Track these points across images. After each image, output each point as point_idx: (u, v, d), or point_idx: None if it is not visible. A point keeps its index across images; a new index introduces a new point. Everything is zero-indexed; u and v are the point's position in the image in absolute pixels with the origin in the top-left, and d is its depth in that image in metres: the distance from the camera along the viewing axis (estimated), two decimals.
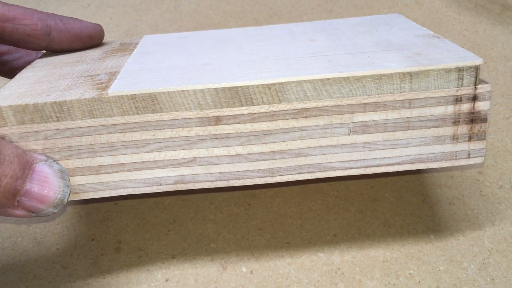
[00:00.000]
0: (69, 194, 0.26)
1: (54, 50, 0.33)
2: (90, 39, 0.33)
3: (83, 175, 0.27)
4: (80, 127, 0.26)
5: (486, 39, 0.43)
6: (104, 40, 0.35)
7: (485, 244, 0.31)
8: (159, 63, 0.29)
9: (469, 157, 0.29)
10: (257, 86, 0.26)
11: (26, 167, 0.25)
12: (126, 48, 0.34)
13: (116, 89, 0.26)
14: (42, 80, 0.29)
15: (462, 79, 0.27)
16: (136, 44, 0.35)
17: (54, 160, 0.26)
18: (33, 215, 0.25)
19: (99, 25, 0.34)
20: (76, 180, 0.27)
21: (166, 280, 0.31)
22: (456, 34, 0.44)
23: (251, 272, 0.31)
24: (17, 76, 0.30)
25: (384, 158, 0.28)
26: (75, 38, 0.32)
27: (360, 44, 0.30)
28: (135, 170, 0.28)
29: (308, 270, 0.31)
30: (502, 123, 0.37)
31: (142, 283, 0.30)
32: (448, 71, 0.26)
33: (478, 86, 0.27)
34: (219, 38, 0.34)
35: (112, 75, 0.28)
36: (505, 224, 0.32)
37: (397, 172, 0.36)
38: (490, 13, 0.46)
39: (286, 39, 0.33)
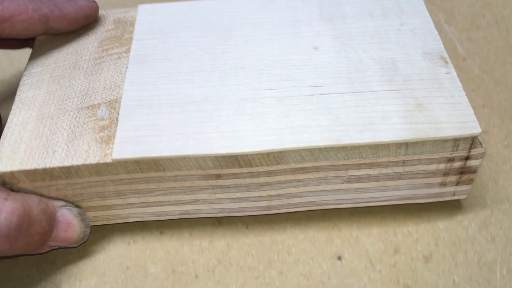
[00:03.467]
0: (89, 231, 0.29)
1: (51, 34, 0.32)
2: (86, 20, 0.33)
3: (96, 211, 0.29)
4: (88, 181, 0.27)
5: None
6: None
7: (487, 203, 0.30)
8: (158, 97, 0.28)
9: (454, 195, 0.29)
10: (256, 154, 0.26)
11: (51, 219, 0.27)
12: (122, 35, 0.32)
13: (119, 155, 0.26)
14: (44, 116, 0.28)
15: (458, 146, 0.26)
16: (132, 23, 0.33)
17: (72, 203, 0.28)
18: (56, 248, 0.29)
19: (94, 1, 0.33)
20: (90, 214, 0.29)
21: (161, 233, 0.30)
22: None
23: (246, 227, 0.30)
24: (15, 108, 0.29)
25: (375, 197, 0.29)
26: (71, 22, 0.32)
27: (364, 67, 0.29)
28: (143, 207, 0.29)
29: (304, 226, 0.30)
30: (510, 82, 0.36)
31: (137, 235, 0.30)
32: (444, 141, 0.26)
33: (473, 150, 0.26)
34: (217, 30, 0.32)
35: (113, 108, 0.28)
36: (508, 184, 0.31)
37: None
38: None
39: (288, 41, 0.31)
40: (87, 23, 0.33)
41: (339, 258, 0.29)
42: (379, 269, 0.28)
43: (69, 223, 0.27)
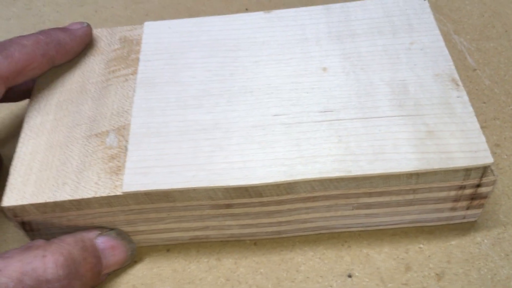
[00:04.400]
0: (135, 246, 0.29)
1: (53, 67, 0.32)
2: (85, 46, 0.33)
3: None
4: (99, 212, 0.27)
5: (508, 7, 0.41)
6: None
7: (500, 218, 0.30)
8: (167, 123, 0.28)
9: (464, 219, 0.29)
10: (266, 185, 0.25)
11: (95, 252, 0.27)
12: (128, 55, 0.32)
13: (129, 187, 0.26)
14: (53, 145, 0.28)
15: (469, 175, 0.26)
16: (138, 42, 0.33)
17: (106, 229, 0.28)
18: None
19: (88, 26, 0.33)
20: None
21: (168, 251, 0.30)
22: (476, 1, 0.42)
23: (255, 244, 0.30)
24: (23, 136, 0.29)
25: (385, 222, 0.29)
26: (74, 54, 0.32)
27: (374, 90, 0.28)
28: (153, 234, 0.29)
29: (313, 243, 0.29)
30: None
31: (144, 253, 0.30)
32: (456, 171, 0.25)
33: (484, 178, 0.26)
34: (224, 49, 0.31)
35: (121, 136, 0.28)
36: None
37: None
38: None
39: (297, 61, 0.30)
40: (86, 46, 0.33)
41: (350, 276, 0.28)
42: (391, 287, 0.28)
43: (113, 246, 0.27)
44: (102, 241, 0.27)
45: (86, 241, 0.26)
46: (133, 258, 0.29)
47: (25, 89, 0.35)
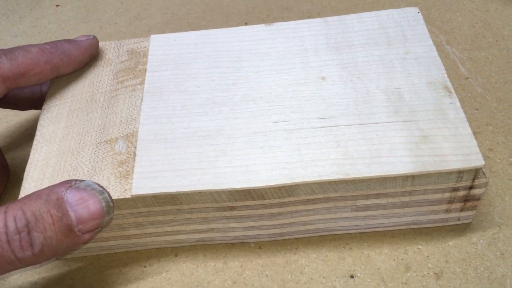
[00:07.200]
0: (109, 195, 0.27)
1: (60, 77, 0.33)
2: (91, 58, 0.34)
3: (116, 240, 0.30)
4: None
5: (498, 18, 0.43)
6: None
7: (495, 219, 0.31)
8: (173, 130, 0.29)
9: (458, 220, 0.30)
10: (268, 188, 0.27)
11: (59, 204, 0.25)
12: (135, 66, 0.34)
13: (138, 191, 0.27)
14: (65, 151, 0.29)
15: (462, 177, 0.27)
16: (145, 54, 0.34)
17: (76, 180, 0.27)
18: (99, 229, 0.27)
19: (94, 38, 0.34)
20: (110, 243, 0.30)
21: (176, 256, 0.31)
22: (467, 13, 0.43)
23: (260, 247, 0.31)
24: (36, 143, 0.30)
25: (383, 223, 0.30)
26: (79, 64, 0.33)
27: (371, 98, 0.30)
28: (160, 236, 0.30)
29: (316, 246, 0.31)
30: None
31: (153, 258, 0.31)
32: (449, 173, 0.27)
33: (476, 180, 0.27)
34: (227, 60, 0.33)
35: (130, 142, 0.29)
36: None
37: None
38: None
39: (297, 71, 0.32)
40: (92, 57, 0.34)
41: (352, 276, 0.29)
42: (391, 287, 0.29)
43: (82, 198, 0.26)
44: (72, 196, 0.26)
45: (51, 194, 0.26)
46: (110, 210, 0.27)
47: (31, 98, 0.36)
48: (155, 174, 0.27)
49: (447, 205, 0.29)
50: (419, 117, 0.28)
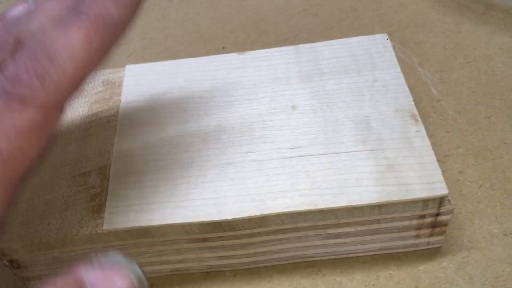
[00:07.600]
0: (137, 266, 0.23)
1: None
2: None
3: None
4: (82, 249, 0.29)
5: (469, 39, 0.44)
6: None
7: (464, 243, 0.32)
8: (146, 163, 0.30)
9: (428, 245, 0.31)
10: (238, 220, 0.27)
11: None
12: (110, 97, 0.34)
13: (110, 225, 0.27)
14: (40, 185, 0.30)
15: (428, 205, 0.28)
16: (120, 84, 0.34)
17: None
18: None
19: None
20: None
21: (151, 285, 0.31)
22: (439, 34, 0.44)
23: (234, 275, 0.31)
24: None
25: (354, 250, 0.31)
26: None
27: (340, 127, 0.30)
28: None
29: (290, 273, 0.31)
30: (483, 122, 0.37)
31: None
32: (414, 202, 0.27)
33: (442, 208, 0.28)
34: (200, 90, 0.33)
35: (103, 175, 0.30)
36: (484, 223, 0.32)
37: None
38: (473, 13, 0.46)
39: (268, 100, 0.32)
40: None
41: None
42: None
43: (106, 276, 0.20)
44: (90, 276, 0.21)
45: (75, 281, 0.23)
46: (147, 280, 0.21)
47: None
48: (127, 208, 0.28)
49: (416, 231, 0.29)
50: (385, 145, 0.29)
